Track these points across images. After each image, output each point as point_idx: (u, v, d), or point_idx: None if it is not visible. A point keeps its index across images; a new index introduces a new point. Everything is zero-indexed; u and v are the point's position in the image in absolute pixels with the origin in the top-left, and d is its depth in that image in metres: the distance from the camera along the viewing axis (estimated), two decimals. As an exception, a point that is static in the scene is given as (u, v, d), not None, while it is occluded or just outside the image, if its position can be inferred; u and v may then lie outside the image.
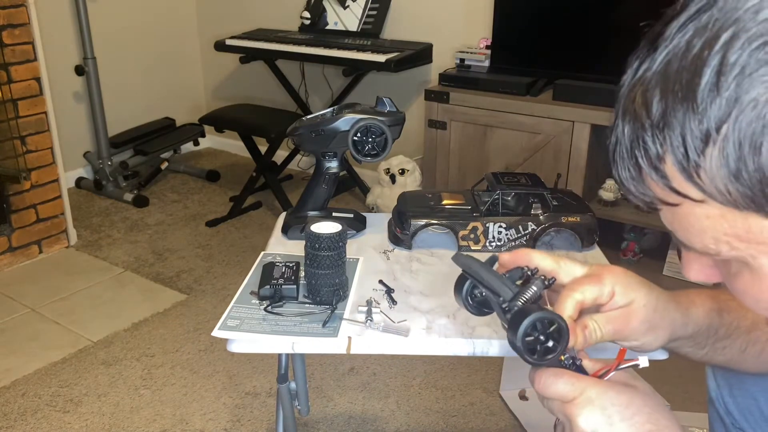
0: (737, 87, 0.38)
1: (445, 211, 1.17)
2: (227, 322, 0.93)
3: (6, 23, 2.37)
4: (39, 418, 1.74)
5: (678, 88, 0.41)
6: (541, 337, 0.59)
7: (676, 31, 0.43)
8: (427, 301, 0.99)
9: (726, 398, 0.93)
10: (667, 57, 0.43)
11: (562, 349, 0.61)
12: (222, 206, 3.09)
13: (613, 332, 0.66)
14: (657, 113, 0.43)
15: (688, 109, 0.41)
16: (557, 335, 0.60)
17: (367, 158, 1.17)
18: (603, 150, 2.37)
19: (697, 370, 0.91)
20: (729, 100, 0.39)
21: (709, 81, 0.39)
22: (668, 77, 0.42)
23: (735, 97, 0.39)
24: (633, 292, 0.66)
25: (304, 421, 1.72)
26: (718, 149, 0.40)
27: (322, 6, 3.08)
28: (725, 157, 0.40)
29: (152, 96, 3.62)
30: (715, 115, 0.39)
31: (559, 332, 0.60)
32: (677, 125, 0.41)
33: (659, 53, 0.44)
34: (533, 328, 0.59)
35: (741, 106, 0.38)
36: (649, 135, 0.43)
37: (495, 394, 1.82)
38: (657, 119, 0.43)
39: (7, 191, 2.49)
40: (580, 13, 2.33)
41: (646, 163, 0.45)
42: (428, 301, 0.99)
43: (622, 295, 0.66)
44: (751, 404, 0.89)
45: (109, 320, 2.18)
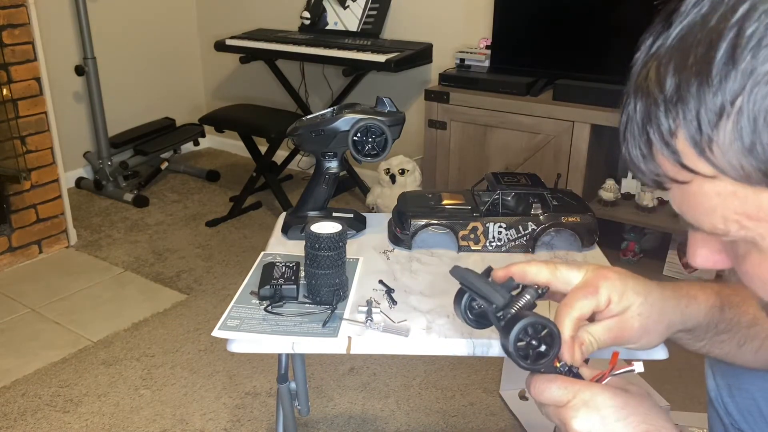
0: (753, 59, 0.38)
1: (445, 211, 1.17)
2: (227, 322, 0.93)
3: (6, 23, 2.37)
4: (39, 418, 1.74)
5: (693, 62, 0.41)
6: (533, 342, 0.60)
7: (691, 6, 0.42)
8: (427, 301, 0.99)
9: (725, 398, 0.93)
10: (681, 32, 0.43)
11: (554, 353, 0.61)
12: (222, 206, 3.09)
13: (610, 340, 0.66)
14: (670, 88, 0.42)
15: (702, 82, 0.40)
16: (549, 340, 0.60)
17: (367, 158, 1.17)
18: (603, 150, 2.37)
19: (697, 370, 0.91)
20: (744, 73, 0.38)
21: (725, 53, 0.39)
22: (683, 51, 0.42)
23: (750, 70, 0.38)
24: (628, 300, 0.66)
25: (304, 421, 1.72)
26: (732, 123, 0.40)
27: (322, 6, 3.08)
28: (739, 130, 0.39)
29: (152, 96, 3.62)
30: (730, 89, 0.39)
31: (551, 336, 0.61)
32: (691, 99, 0.41)
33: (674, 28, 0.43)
34: (525, 333, 0.60)
35: (756, 79, 0.38)
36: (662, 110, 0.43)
37: (495, 394, 1.82)
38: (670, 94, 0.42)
39: (7, 191, 2.49)
40: (580, 13, 2.33)
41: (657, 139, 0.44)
42: (428, 301, 0.99)
43: (617, 303, 0.66)
44: (750, 404, 0.89)
45: (109, 320, 2.18)
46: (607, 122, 2.18)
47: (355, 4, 3.01)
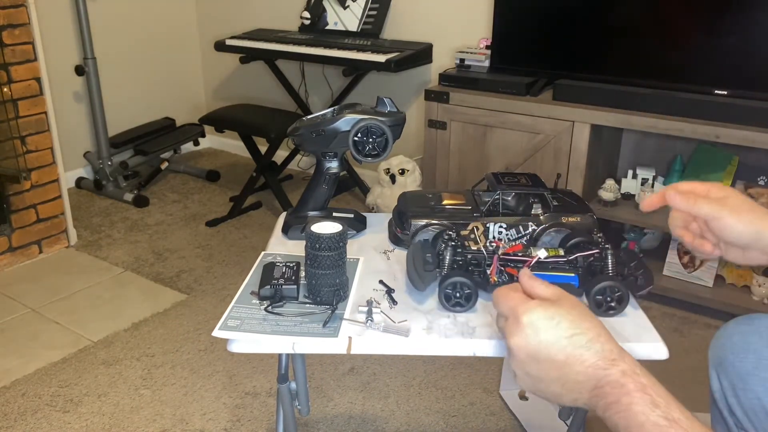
0: None
1: (445, 211, 1.17)
2: (228, 322, 0.93)
3: (6, 23, 2.37)
4: (39, 418, 1.74)
5: None
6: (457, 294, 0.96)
7: None
8: (428, 301, 0.99)
9: (730, 399, 0.93)
10: None
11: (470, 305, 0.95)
12: (222, 206, 3.09)
13: (702, 204, 0.84)
14: None
15: None
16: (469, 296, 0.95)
17: (368, 158, 1.17)
18: (603, 150, 2.37)
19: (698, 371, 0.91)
20: None
21: None
22: None
23: None
24: (726, 191, 0.84)
25: (304, 421, 1.72)
26: None
27: (322, 6, 3.08)
28: None
29: (152, 96, 3.62)
30: None
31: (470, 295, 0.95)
32: None
33: None
34: (452, 290, 0.95)
35: None
36: None
37: (495, 394, 1.82)
38: None
39: (7, 191, 2.49)
40: (581, 13, 2.33)
41: None
42: (429, 301, 0.99)
43: (717, 191, 0.85)
44: (755, 404, 0.89)
45: (109, 320, 2.18)
46: (607, 122, 2.18)
47: (355, 4, 3.01)
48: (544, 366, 0.69)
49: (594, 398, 0.67)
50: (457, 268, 0.98)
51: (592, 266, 0.97)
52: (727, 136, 1.99)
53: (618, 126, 2.19)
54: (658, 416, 0.63)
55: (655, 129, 2.12)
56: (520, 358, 0.71)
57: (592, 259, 0.97)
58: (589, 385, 0.67)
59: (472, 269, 0.99)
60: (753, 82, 2.04)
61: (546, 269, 0.97)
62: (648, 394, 0.64)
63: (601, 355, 0.67)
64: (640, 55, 2.21)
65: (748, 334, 0.93)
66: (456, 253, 0.99)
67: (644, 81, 2.20)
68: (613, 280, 0.93)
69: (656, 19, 2.19)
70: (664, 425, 0.62)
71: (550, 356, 0.69)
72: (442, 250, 0.99)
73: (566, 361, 0.68)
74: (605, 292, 0.92)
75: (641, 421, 0.63)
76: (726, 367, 0.94)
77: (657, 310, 2.22)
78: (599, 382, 0.67)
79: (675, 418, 0.63)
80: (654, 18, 2.19)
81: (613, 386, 0.66)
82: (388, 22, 3.01)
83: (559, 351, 0.68)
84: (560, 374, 0.69)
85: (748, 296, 2.16)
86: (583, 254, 0.97)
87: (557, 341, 0.69)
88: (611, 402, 0.65)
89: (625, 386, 0.65)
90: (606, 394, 0.66)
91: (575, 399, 0.69)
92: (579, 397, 0.69)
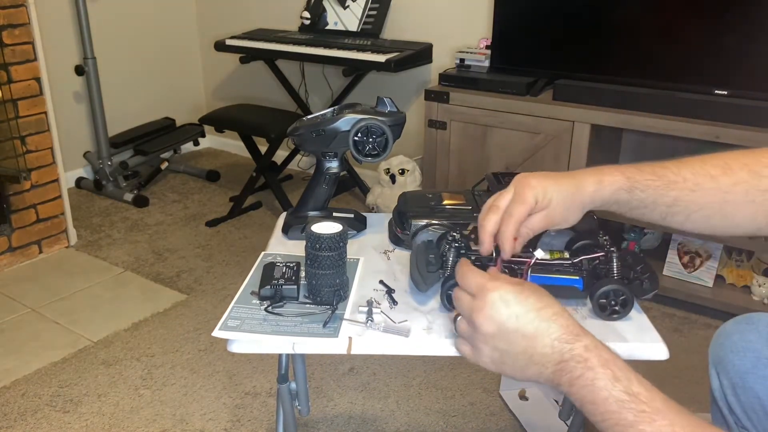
0: None
1: (445, 211, 1.17)
2: (228, 322, 0.93)
3: (6, 23, 2.37)
4: (39, 418, 1.74)
5: None
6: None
7: None
8: (428, 301, 0.99)
9: (730, 398, 0.93)
10: None
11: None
12: (222, 206, 3.09)
13: (542, 228, 0.88)
14: None
15: None
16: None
17: (368, 158, 1.17)
18: (603, 150, 2.37)
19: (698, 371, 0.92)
20: None
21: None
22: None
23: None
24: (548, 195, 0.86)
25: (304, 421, 1.72)
26: None
27: (322, 6, 3.08)
28: None
29: (152, 96, 3.62)
30: None
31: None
32: None
33: None
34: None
35: None
36: None
37: (495, 394, 1.82)
38: None
39: (7, 191, 2.49)
40: (581, 13, 2.33)
41: None
42: (429, 301, 0.99)
43: (542, 200, 0.86)
44: (754, 403, 0.89)
45: (109, 320, 2.18)
46: (607, 122, 2.18)
47: (355, 4, 3.01)
48: (513, 338, 0.72)
49: (558, 372, 0.69)
50: None
51: (597, 269, 0.96)
52: (727, 136, 1.99)
53: (618, 126, 2.19)
54: (620, 391, 0.64)
55: (655, 129, 2.12)
56: (489, 331, 0.73)
57: (597, 262, 0.96)
58: (553, 358, 0.70)
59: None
60: (753, 82, 2.04)
61: (550, 272, 0.96)
62: (610, 368, 0.66)
63: (566, 329, 0.70)
64: (640, 55, 2.21)
65: (747, 333, 0.93)
66: (459, 255, 0.98)
67: (644, 81, 2.20)
68: (618, 283, 0.92)
69: (656, 19, 2.18)
70: (626, 400, 0.64)
71: (519, 328, 0.71)
72: (446, 251, 0.98)
73: (534, 333, 0.71)
74: (609, 296, 0.92)
75: (605, 396, 0.65)
76: (725, 366, 0.94)
77: (657, 310, 2.22)
78: (563, 356, 0.69)
79: (635, 392, 0.64)
80: (654, 18, 2.19)
81: (578, 360, 0.68)
82: (388, 22, 3.01)
83: (528, 323, 0.71)
84: (527, 346, 0.71)
85: (748, 296, 2.16)
86: (588, 257, 0.96)
87: (526, 313, 0.71)
88: (576, 377, 0.67)
89: (589, 360, 0.67)
90: (571, 368, 0.68)
91: (539, 372, 0.71)
92: (543, 371, 0.71)
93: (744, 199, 0.81)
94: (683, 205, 0.84)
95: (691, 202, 0.83)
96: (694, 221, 0.85)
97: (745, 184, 0.81)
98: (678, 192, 0.84)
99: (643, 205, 0.86)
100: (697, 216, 0.84)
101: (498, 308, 0.72)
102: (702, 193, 0.83)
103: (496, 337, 0.73)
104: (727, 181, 0.82)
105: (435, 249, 1.02)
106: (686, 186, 0.84)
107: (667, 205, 0.85)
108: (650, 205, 0.86)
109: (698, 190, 0.83)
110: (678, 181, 0.84)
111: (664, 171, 0.85)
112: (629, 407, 0.63)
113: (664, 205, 0.85)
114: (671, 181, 0.84)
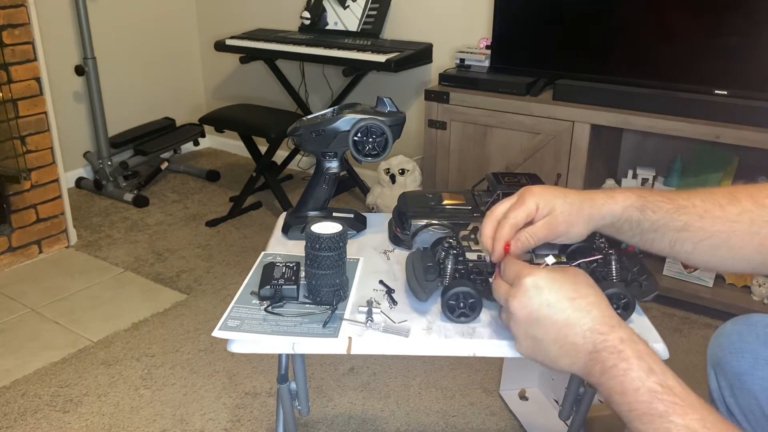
0: None
1: (445, 211, 1.17)
2: (228, 322, 0.93)
3: (6, 23, 2.37)
4: (39, 418, 1.74)
5: None
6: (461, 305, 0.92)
7: None
8: (428, 301, 0.99)
9: (728, 398, 0.93)
10: None
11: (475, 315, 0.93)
12: (222, 206, 3.09)
13: (544, 236, 0.85)
14: None
15: None
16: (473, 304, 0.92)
17: (368, 158, 1.17)
18: (603, 150, 2.37)
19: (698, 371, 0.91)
20: None
21: None
22: None
23: None
24: (551, 203, 0.85)
25: (304, 421, 1.72)
26: None
27: (322, 6, 3.08)
28: None
29: (152, 96, 3.62)
30: None
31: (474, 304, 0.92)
32: None
33: None
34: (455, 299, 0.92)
35: None
36: None
37: (495, 394, 1.82)
38: None
39: (7, 191, 2.49)
40: (581, 13, 2.33)
41: None
42: (429, 301, 0.99)
43: (543, 206, 0.85)
44: (752, 404, 0.89)
45: (109, 320, 2.18)
46: (607, 122, 2.18)
47: (355, 4, 3.01)
48: (544, 325, 0.72)
49: (590, 362, 0.69)
50: (459, 277, 0.96)
51: (596, 272, 0.95)
52: (727, 136, 2.00)
53: (618, 126, 2.19)
54: (654, 382, 0.64)
55: (655, 129, 2.12)
56: (522, 318, 0.74)
57: (595, 264, 0.95)
58: (586, 348, 0.70)
59: (474, 278, 0.97)
60: (753, 82, 2.04)
61: None
62: (645, 361, 0.66)
63: (601, 320, 0.70)
64: (640, 55, 2.21)
65: (745, 333, 0.93)
66: (458, 261, 0.97)
67: (644, 81, 2.20)
68: (618, 286, 0.91)
69: (656, 19, 2.18)
70: (659, 391, 0.64)
71: (550, 316, 0.72)
72: (443, 259, 0.97)
73: (566, 322, 0.71)
74: (611, 299, 0.89)
75: (637, 386, 0.64)
76: (723, 367, 0.94)
77: (657, 310, 2.22)
78: (596, 347, 0.69)
79: (670, 385, 0.64)
80: (654, 18, 2.19)
81: (611, 351, 0.68)
82: (388, 22, 3.01)
83: (559, 311, 0.72)
84: (558, 335, 0.72)
85: (748, 296, 2.16)
86: (586, 260, 0.95)
87: (558, 302, 0.72)
88: (609, 367, 0.67)
89: (623, 352, 0.67)
90: (603, 359, 0.68)
91: (572, 363, 0.71)
92: (575, 362, 0.71)
93: (749, 230, 0.81)
94: (692, 231, 0.83)
95: (700, 229, 0.83)
96: (701, 251, 0.84)
97: (750, 213, 0.81)
98: (688, 217, 0.83)
99: (653, 229, 0.85)
100: (705, 245, 0.83)
101: (530, 295, 0.73)
102: (711, 221, 0.83)
103: (529, 323, 0.74)
104: (733, 210, 0.82)
105: (431, 256, 1.01)
106: (696, 211, 0.83)
107: (677, 229, 0.84)
108: (660, 228, 0.85)
109: (707, 216, 0.83)
110: (688, 206, 0.84)
111: (674, 196, 0.85)
112: (662, 398, 0.63)
113: (674, 230, 0.84)
114: (681, 205, 0.84)
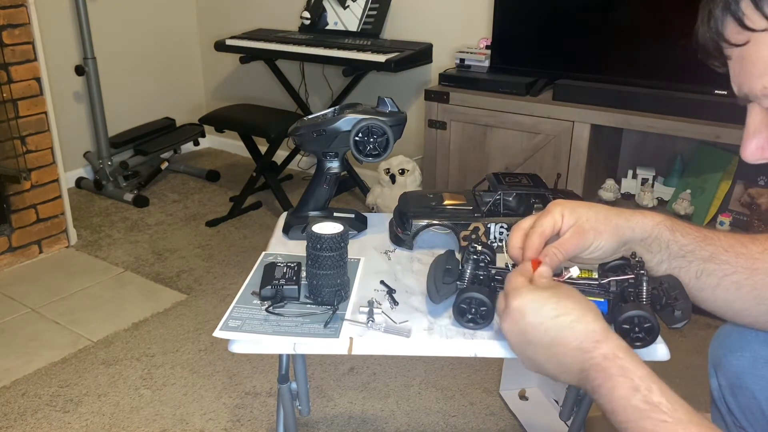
0: None
1: (446, 211, 1.17)
2: (228, 322, 0.93)
3: (6, 23, 2.37)
4: (39, 418, 1.74)
5: None
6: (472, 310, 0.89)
7: None
8: (429, 301, 0.99)
9: (728, 397, 0.93)
10: None
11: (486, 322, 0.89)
12: (222, 206, 3.09)
13: (572, 246, 0.83)
14: None
15: None
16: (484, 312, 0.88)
17: (369, 158, 1.17)
18: (603, 150, 2.38)
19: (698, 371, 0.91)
20: None
21: None
22: None
23: None
24: (577, 213, 0.84)
25: (304, 421, 1.72)
26: None
27: (322, 6, 3.08)
28: None
29: (152, 96, 3.62)
30: None
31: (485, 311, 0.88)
32: None
33: None
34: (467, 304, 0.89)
35: None
36: None
37: (495, 394, 1.82)
38: None
39: (7, 191, 2.49)
40: (580, 13, 2.33)
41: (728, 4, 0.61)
42: (430, 301, 0.99)
43: (569, 216, 0.83)
44: (751, 403, 0.90)
45: (109, 320, 2.18)
46: (607, 122, 2.18)
47: (355, 4, 3.01)
48: (534, 347, 0.73)
49: (582, 380, 0.70)
50: (477, 283, 0.92)
51: (626, 292, 0.89)
52: (727, 136, 2.00)
53: (618, 126, 2.19)
54: (639, 400, 0.64)
55: (655, 129, 2.12)
56: (513, 341, 0.75)
57: (626, 284, 0.89)
58: (575, 367, 0.70)
59: (494, 285, 0.92)
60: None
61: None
62: (629, 378, 0.66)
63: (585, 336, 0.70)
64: (640, 55, 2.21)
65: (744, 332, 0.93)
66: (478, 267, 0.93)
67: (644, 81, 2.20)
68: (644, 309, 0.84)
69: (656, 19, 2.19)
70: (645, 409, 0.63)
71: (536, 338, 0.72)
72: (464, 263, 0.94)
73: (552, 342, 0.71)
74: (633, 322, 0.84)
75: (623, 405, 0.64)
76: (723, 366, 0.94)
77: (657, 310, 2.22)
78: (583, 365, 0.69)
79: (655, 401, 0.64)
80: (654, 18, 2.19)
81: (597, 370, 0.67)
82: (388, 22, 3.01)
83: (544, 333, 0.71)
84: (549, 355, 0.72)
85: (748, 296, 2.16)
86: (617, 278, 0.89)
87: (541, 323, 0.72)
88: (596, 386, 0.68)
89: (607, 370, 0.67)
90: (591, 378, 0.68)
91: (568, 379, 0.72)
92: (570, 379, 0.72)
93: None
94: (718, 264, 0.82)
95: (725, 262, 0.82)
96: (725, 288, 0.82)
97: None
98: (714, 248, 0.83)
99: (681, 254, 0.83)
100: (729, 282, 0.82)
101: (516, 319, 0.73)
102: (735, 256, 0.82)
103: (520, 345, 0.74)
104: (755, 249, 0.82)
105: (454, 260, 0.97)
106: (720, 244, 0.83)
107: (704, 259, 0.83)
108: (688, 255, 0.83)
109: (731, 251, 0.82)
110: (714, 238, 0.83)
111: (700, 228, 0.85)
112: (648, 416, 0.63)
113: (700, 259, 0.83)
114: (708, 236, 0.83)
